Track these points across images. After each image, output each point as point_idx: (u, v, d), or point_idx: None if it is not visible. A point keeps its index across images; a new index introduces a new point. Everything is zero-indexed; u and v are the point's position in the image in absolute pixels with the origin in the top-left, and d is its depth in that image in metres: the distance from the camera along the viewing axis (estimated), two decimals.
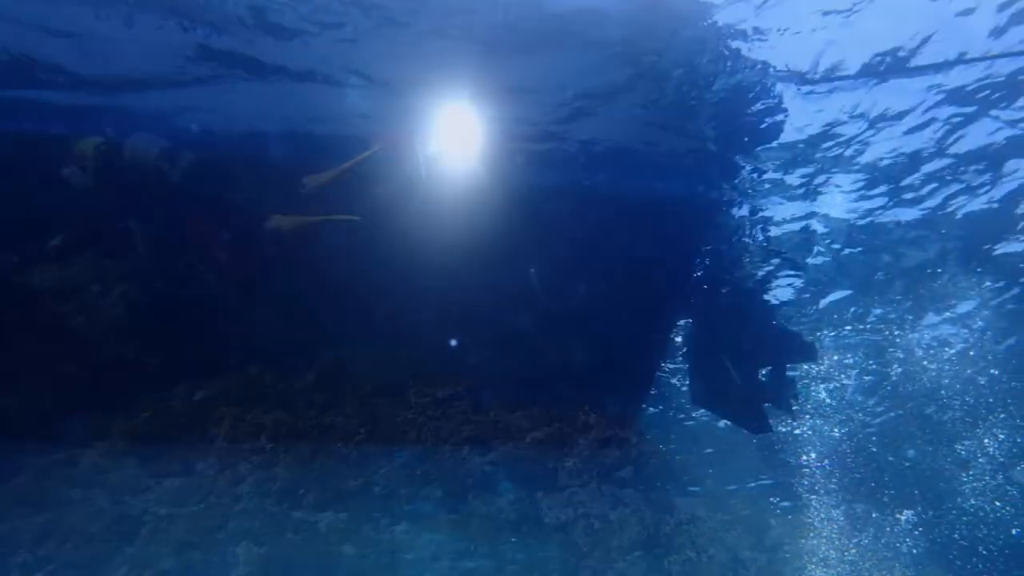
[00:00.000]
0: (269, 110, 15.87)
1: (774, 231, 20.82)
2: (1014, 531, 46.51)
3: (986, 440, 35.65)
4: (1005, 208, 20.44)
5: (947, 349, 28.35)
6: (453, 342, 17.05)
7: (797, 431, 34.16)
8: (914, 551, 50.81)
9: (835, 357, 28.46)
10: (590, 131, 16.42)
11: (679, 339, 24.26)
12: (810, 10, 14.92)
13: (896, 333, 27.08)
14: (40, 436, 13.74)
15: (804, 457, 37.27)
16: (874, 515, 45.35)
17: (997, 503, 42.35)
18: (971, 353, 28.57)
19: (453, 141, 15.70)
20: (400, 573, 13.72)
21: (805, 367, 28.67)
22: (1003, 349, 28.26)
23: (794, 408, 23.01)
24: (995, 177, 19.32)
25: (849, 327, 26.51)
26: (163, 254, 15.01)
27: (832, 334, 26.90)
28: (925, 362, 29.17)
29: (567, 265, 17.14)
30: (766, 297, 23.69)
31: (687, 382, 25.48)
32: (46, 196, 13.84)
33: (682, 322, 23.11)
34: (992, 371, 29.75)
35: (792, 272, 22.71)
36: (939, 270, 23.22)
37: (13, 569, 12.30)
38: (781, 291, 23.71)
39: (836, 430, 34.61)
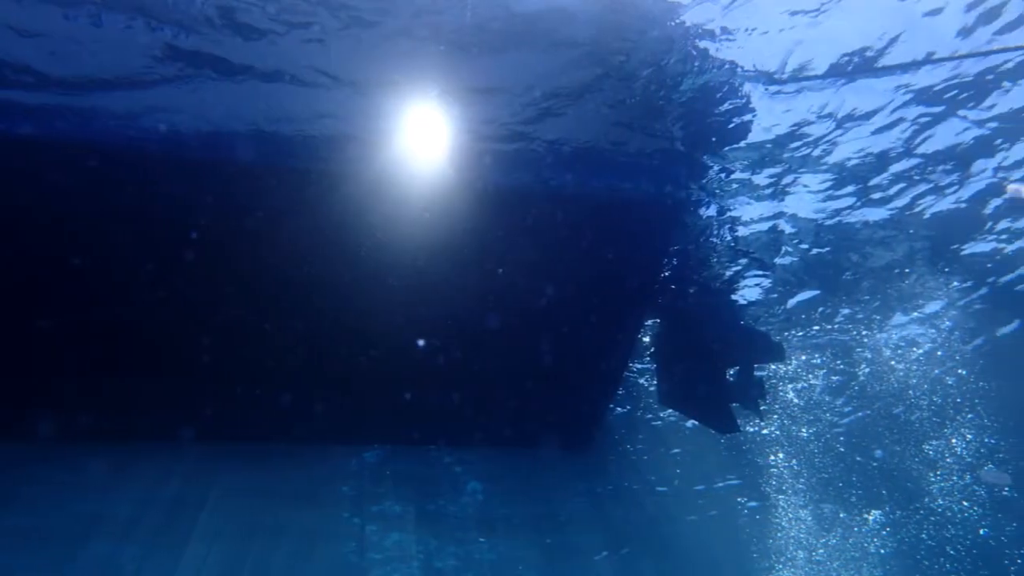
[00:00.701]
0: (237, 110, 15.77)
1: (742, 231, 20.85)
2: (982, 531, 46.96)
3: (954, 440, 35.95)
4: (973, 208, 20.60)
5: (915, 349, 28.53)
6: (421, 342, 17.06)
7: (765, 431, 34.30)
8: (882, 551, 51.27)
9: (803, 357, 28.58)
10: (558, 131, 16.40)
11: (646, 339, 24.28)
12: (778, 10, 14.92)
13: (864, 333, 27.22)
14: None
15: (772, 457, 37.45)
16: (842, 515, 45.68)
17: (965, 503, 42.75)
18: (939, 353, 28.77)
19: (421, 142, 15.69)
20: None
21: (773, 367, 28.79)
22: (971, 349, 28.48)
23: (762, 408, 23.08)
24: (963, 177, 19.45)
25: (817, 327, 26.61)
26: None
27: (800, 334, 27.00)
28: (893, 362, 29.35)
29: (534, 265, 17.14)
30: (734, 297, 23.75)
31: (655, 382, 25.53)
32: None
33: (649, 322, 23.13)
34: (960, 371, 29.98)
35: (760, 272, 22.76)
36: (907, 270, 23.36)
37: None
38: (749, 291, 23.76)
39: (804, 430, 34.76)
